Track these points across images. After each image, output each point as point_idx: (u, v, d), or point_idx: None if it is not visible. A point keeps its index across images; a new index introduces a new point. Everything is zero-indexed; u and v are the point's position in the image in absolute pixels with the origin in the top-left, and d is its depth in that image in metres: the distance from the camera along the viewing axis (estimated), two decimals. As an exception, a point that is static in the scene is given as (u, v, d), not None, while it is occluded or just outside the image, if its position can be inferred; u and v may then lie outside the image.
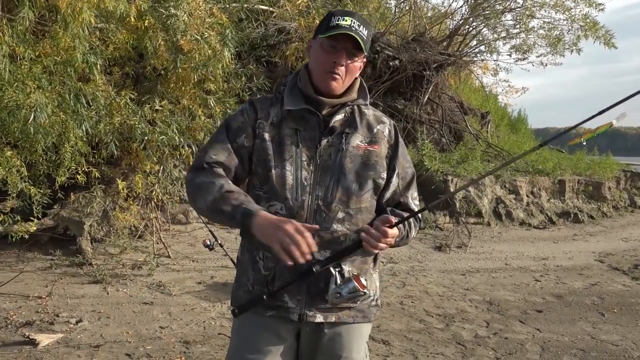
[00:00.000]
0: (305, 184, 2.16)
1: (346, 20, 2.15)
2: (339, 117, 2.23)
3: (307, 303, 2.17)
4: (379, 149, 2.25)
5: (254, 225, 2.01)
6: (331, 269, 2.08)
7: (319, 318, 2.19)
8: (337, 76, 2.17)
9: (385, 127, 2.31)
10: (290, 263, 1.96)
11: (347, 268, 2.17)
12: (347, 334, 2.26)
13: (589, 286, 7.36)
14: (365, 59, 2.27)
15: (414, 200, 2.36)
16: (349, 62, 2.17)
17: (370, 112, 2.33)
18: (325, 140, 2.20)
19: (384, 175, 2.25)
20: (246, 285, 2.21)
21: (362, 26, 2.16)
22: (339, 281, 2.07)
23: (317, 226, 2.04)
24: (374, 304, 2.33)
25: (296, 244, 1.94)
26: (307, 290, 2.16)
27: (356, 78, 2.29)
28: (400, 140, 2.35)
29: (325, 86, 2.19)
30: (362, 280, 2.07)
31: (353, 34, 2.11)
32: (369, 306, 2.30)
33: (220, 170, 2.17)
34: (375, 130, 2.27)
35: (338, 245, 2.15)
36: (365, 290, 2.06)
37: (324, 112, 2.22)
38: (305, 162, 2.17)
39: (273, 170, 2.16)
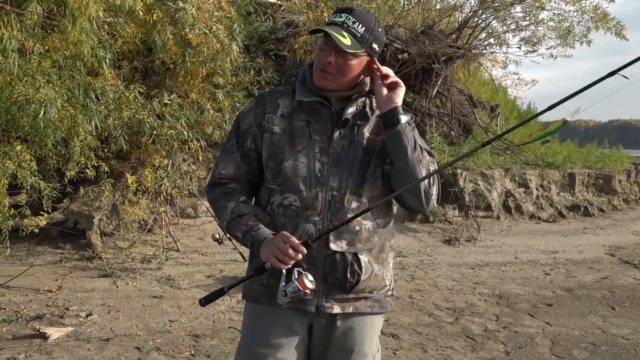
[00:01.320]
0: (319, 175, 2.17)
1: (341, 17, 2.14)
2: (351, 109, 2.24)
3: (324, 294, 2.18)
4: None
5: (260, 253, 2.10)
6: (283, 269, 2.07)
7: (337, 309, 2.20)
8: (327, 74, 2.17)
9: None
10: (284, 267, 2.04)
11: (363, 258, 2.19)
12: (360, 328, 2.27)
13: (599, 280, 7.33)
14: (369, 56, 2.22)
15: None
16: (340, 59, 2.14)
17: None
18: (338, 132, 2.21)
19: (389, 160, 2.24)
20: (261, 278, 2.22)
21: (358, 23, 2.13)
22: (284, 281, 2.08)
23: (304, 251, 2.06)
24: (390, 294, 2.35)
25: (284, 252, 2.01)
26: (324, 280, 2.17)
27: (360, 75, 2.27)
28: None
29: (317, 82, 2.21)
30: (306, 281, 2.05)
31: (331, 31, 2.09)
32: (385, 296, 2.32)
33: (233, 185, 2.28)
34: None
35: (354, 235, 2.17)
36: (307, 291, 2.05)
37: (335, 104, 2.23)
38: (318, 154, 2.19)
39: (286, 162, 2.18)
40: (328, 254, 2.15)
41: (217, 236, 6.28)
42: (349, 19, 2.13)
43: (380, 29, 2.20)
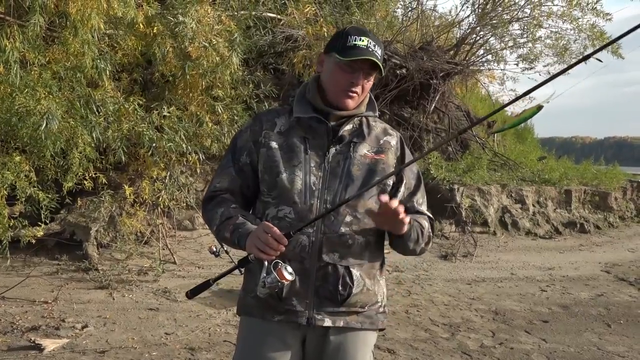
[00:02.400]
0: (314, 188, 2.20)
1: (363, 41, 2.19)
2: (347, 127, 2.28)
3: (315, 306, 2.20)
4: (386, 158, 2.30)
5: (245, 246, 2.13)
6: (265, 261, 2.08)
7: (327, 322, 2.21)
8: (354, 94, 2.23)
9: (392, 139, 2.37)
10: (266, 258, 2.05)
11: (355, 272, 2.21)
12: (352, 342, 2.27)
13: (595, 297, 7.33)
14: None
15: (420, 205, 2.40)
16: (365, 81, 2.23)
17: (378, 124, 2.39)
18: (334, 148, 2.25)
19: (390, 182, 2.29)
20: (254, 291, 2.22)
21: (376, 46, 2.21)
22: (265, 272, 2.08)
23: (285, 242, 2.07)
24: (382, 311, 2.35)
25: (264, 241, 2.03)
26: (315, 292, 2.19)
27: None
28: (407, 151, 2.41)
29: (342, 104, 2.25)
30: (285, 273, 2.06)
31: (373, 58, 2.17)
32: (377, 313, 2.33)
33: (227, 195, 2.33)
34: (382, 141, 2.34)
35: (346, 248, 2.19)
36: (284, 281, 2.06)
37: (332, 121, 2.27)
38: (314, 168, 2.22)
39: (281, 175, 2.21)
40: (320, 265, 2.17)
41: (214, 249, 6.25)
42: (370, 42, 2.19)
43: None
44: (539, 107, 2.05)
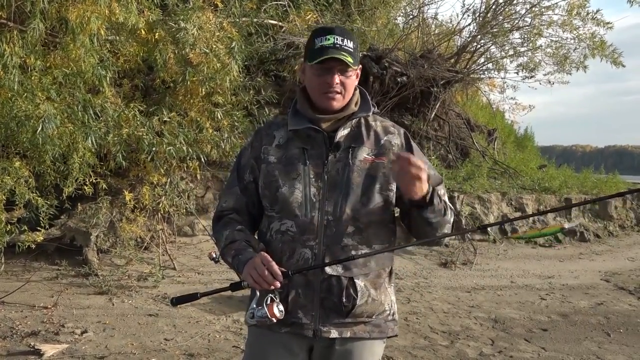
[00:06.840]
0: (314, 200, 2.18)
1: (329, 40, 2.16)
2: (344, 132, 2.24)
3: (321, 318, 2.18)
4: (387, 161, 2.23)
5: (242, 272, 2.14)
6: (258, 292, 2.10)
7: (334, 333, 2.20)
8: (335, 95, 2.19)
9: (394, 137, 2.31)
10: (259, 289, 2.08)
11: (359, 282, 2.19)
12: (359, 352, 2.26)
13: (595, 305, 7.32)
14: (360, 67, 2.29)
15: (443, 197, 2.23)
16: (343, 77, 2.19)
17: (377, 123, 2.33)
18: (332, 156, 2.22)
19: (393, 186, 2.23)
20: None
21: (345, 39, 2.17)
22: (256, 303, 2.10)
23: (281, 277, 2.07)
24: (391, 319, 2.33)
25: (260, 273, 2.04)
26: (320, 305, 2.18)
27: (355, 89, 2.30)
28: (414, 145, 2.35)
29: (326, 106, 2.22)
30: (276, 310, 2.07)
31: (337, 55, 2.13)
32: (385, 321, 2.30)
33: (233, 215, 2.34)
34: (382, 141, 2.28)
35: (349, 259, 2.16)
36: (273, 319, 2.07)
37: (327, 127, 2.24)
38: (313, 179, 2.20)
39: (281, 189, 2.20)
40: (324, 277, 2.16)
41: (214, 255, 6.23)
42: (337, 38, 2.16)
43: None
44: (562, 229, 2.13)
